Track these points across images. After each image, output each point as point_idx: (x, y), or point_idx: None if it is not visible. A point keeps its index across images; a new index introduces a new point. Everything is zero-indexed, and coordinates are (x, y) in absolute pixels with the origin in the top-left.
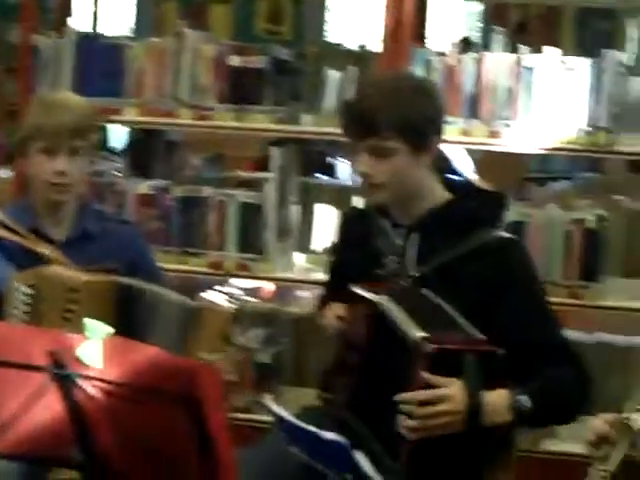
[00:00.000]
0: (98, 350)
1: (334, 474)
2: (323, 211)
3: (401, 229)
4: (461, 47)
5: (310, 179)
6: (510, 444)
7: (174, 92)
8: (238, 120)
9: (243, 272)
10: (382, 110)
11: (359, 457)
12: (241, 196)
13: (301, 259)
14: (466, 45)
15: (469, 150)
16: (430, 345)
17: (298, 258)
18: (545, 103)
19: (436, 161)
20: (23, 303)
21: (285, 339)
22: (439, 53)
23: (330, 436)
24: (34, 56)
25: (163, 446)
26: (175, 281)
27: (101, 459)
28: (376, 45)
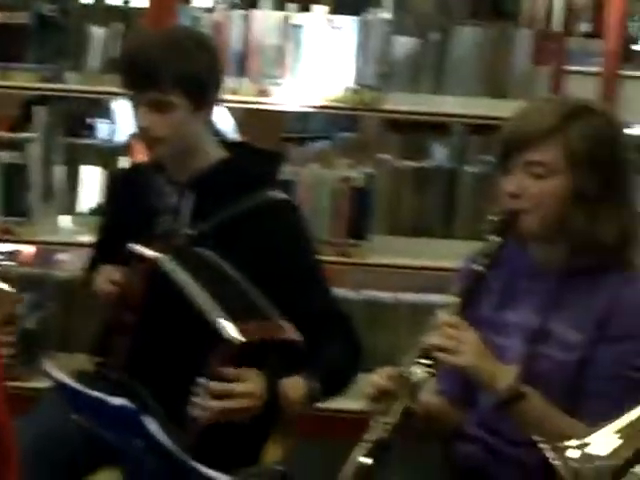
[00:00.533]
0: None
1: (123, 441)
2: (89, 172)
3: (177, 187)
4: (229, 4)
5: (75, 139)
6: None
7: None
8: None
9: (7, 236)
10: (163, 63)
11: (149, 422)
12: (4, 157)
13: (67, 221)
14: (234, 2)
15: (229, 109)
16: (236, 338)
17: (64, 220)
18: (314, 62)
19: None
20: None
21: (51, 304)
22: (206, 9)
23: (117, 401)
24: None
25: None
26: None
27: None
28: (141, 1)
